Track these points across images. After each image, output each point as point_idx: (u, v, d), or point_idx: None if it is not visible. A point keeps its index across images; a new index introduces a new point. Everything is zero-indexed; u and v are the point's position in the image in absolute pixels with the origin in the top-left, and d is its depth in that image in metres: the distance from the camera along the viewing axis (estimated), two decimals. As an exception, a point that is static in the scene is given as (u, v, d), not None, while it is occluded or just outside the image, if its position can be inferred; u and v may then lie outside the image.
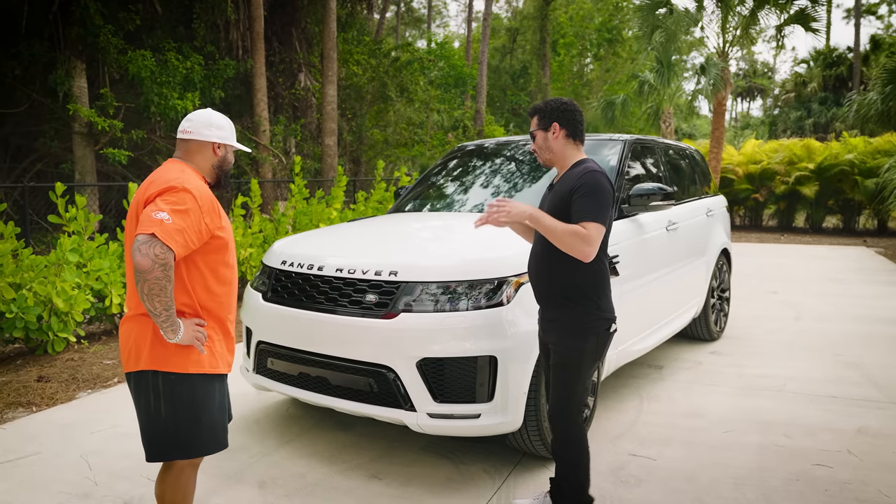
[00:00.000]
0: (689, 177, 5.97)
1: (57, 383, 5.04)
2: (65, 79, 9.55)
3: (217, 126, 2.57)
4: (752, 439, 3.95)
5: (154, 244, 2.20)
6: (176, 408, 2.40)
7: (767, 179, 16.80)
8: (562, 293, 2.82)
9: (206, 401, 2.46)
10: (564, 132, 2.89)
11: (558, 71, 30.70)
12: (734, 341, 6.17)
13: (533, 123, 2.95)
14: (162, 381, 2.39)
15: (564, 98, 2.96)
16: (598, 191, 2.71)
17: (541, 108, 2.93)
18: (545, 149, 2.92)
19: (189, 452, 2.47)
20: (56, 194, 5.92)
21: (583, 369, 2.83)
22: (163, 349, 2.38)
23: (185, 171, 2.45)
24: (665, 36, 14.93)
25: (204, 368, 2.45)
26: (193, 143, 2.55)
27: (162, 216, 2.24)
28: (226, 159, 2.63)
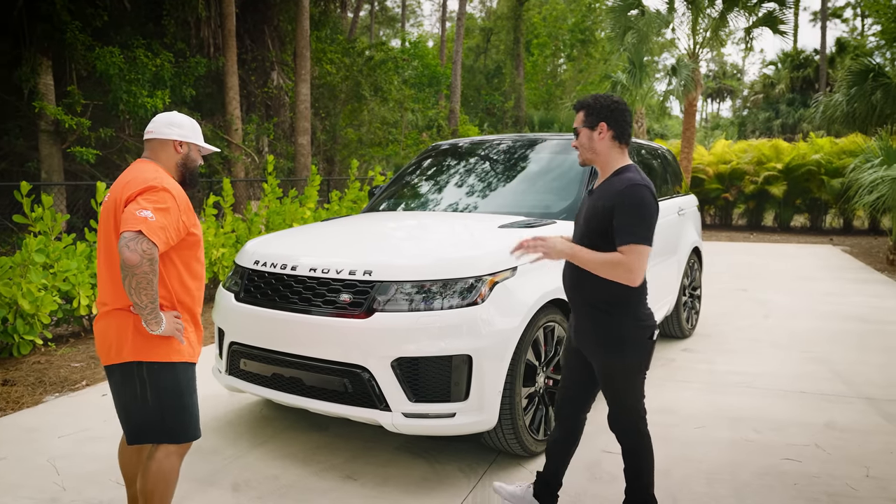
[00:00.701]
0: (661, 176, 6.04)
1: (23, 387, 4.93)
2: (30, 76, 9.34)
3: (177, 125, 2.66)
4: (722, 435, 4.00)
5: (141, 240, 2.30)
6: (162, 396, 2.52)
7: (737, 179, 17.06)
8: (595, 304, 2.68)
9: (188, 386, 2.61)
10: (612, 133, 2.70)
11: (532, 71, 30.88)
12: (705, 338, 6.26)
13: (578, 119, 2.75)
14: (147, 370, 2.50)
15: (615, 96, 2.78)
16: (641, 208, 2.53)
17: (589, 103, 2.73)
18: (588, 149, 2.73)
19: (176, 437, 2.58)
20: (21, 193, 5.79)
21: (629, 383, 2.70)
22: (145, 340, 2.48)
23: (159, 171, 2.56)
24: (637, 37, 15.09)
25: (184, 357, 2.58)
26: (156, 142, 2.65)
27: (146, 214, 2.34)
28: (189, 157, 2.70)
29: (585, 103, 2.74)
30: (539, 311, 3.57)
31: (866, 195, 10.94)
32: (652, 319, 2.70)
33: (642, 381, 2.75)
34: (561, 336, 3.82)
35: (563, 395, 2.99)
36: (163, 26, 12.13)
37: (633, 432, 2.79)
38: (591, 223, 2.66)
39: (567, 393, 2.97)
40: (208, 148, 2.81)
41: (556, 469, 3.05)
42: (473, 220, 4.32)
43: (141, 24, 12.08)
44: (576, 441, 3.03)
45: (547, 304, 3.66)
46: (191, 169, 2.71)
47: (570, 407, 2.97)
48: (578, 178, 4.53)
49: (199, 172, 2.81)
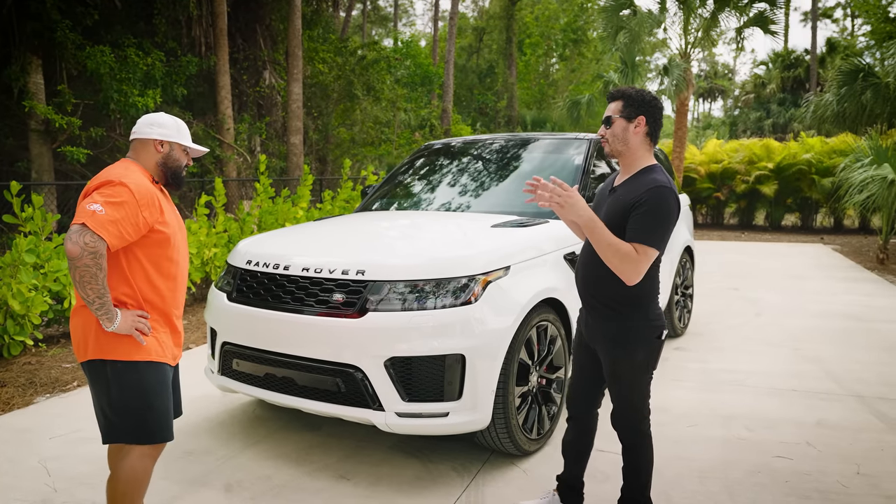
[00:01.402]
0: (654, 175, 6.05)
1: (13, 388, 4.90)
2: (20, 74, 9.28)
3: (159, 124, 2.64)
4: (715, 433, 4.02)
5: (84, 233, 2.29)
6: (126, 395, 2.49)
7: (728, 178, 17.13)
8: (608, 302, 2.67)
9: (157, 387, 2.55)
10: (646, 129, 2.65)
11: (524, 70, 30.91)
12: (697, 337, 6.28)
13: (614, 108, 2.67)
14: (110, 369, 2.48)
15: (653, 93, 2.78)
16: (662, 211, 2.50)
17: (630, 94, 2.65)
18: (621, 140, 2.65)
19: (142, 438, 2.55)
20: (11, 193, 5.75)
21: (636, 381, 2.70)
22: (107, 338, 2.47)
23: (128, 168, 2.55)
24: (629, 37, 15.13)
25: (150, 356, 2.53)
26: (137, 142, 2.65)
27: (95, 207, 2.34)
28: (170, 157, 2.66)
29: (626, 94, 2.67)
30: (532, 310, 3.58)
31: (856, 194, 11.02)
32: (662, 319, 2.70)
33: (649, 380, 2.75)
34: (554, 335, 3.83)
35: (573, 393, 2.99)
36: (154, 25, 12.06)
37: (636, 431, 2.79)
38: (613, 220, 2.59)
39: (577, 390, 2.97)
40: (196, 148, 2.77)
41: (577, 470, 3.05)
42: (466, 220, 4.32)
43: (132, 22, 12.01)
44: (591, 438, 3.04)
45: (540, 304, 3.66)
46: (173, 169, 2.68)
47: (581, 404, 2.98)
48: (571, 178, 4.54)
49: (185, 173, 2.78)
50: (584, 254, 2.83)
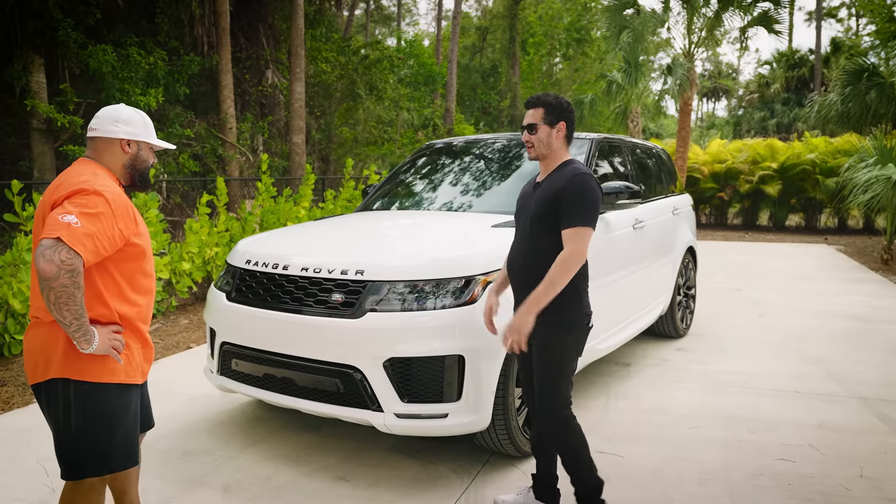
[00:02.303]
0: (656, 175, 6.03)
1: (13, 387, 4.89)
2: (22, 73, 9.28)
3: (125, 121, 2.39)
4: (716, 435, 3.99)
5: (60, 249, 2.03)
6: (88, 420, 2.25)
7: (732, 178, 17.07)
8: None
9: (122, 412, 2.31)
10: (565, 133, 2.90)
11: (528, 70, 30.84)
12: (700, 338, 6.25)
13: (536, 115, 2.87)
14: (74, 390, 2.23)
15: (566, 98, 2.96)
16: (587, 194, 2.74)
17: (552, 102, 2.87)
18: (545, 145, 2.87)
19: (103, 468, 2.31)
20: (12, 192, 5.74)
21: (566, 364, 2.83)
22: (75, 357, 2.22)
23: (97, 174, 2.28)
24: (632, 36, 15.09)
25: (119, 378, 2.30)
26: (100, 141, 2.38)
27: (69, 219, 2.08)
28: (139, 157, 2.43)
29: (547, 101, 2.88)
30: (532, 310, 3.55)
31: (861, 195, 10.96)
32: (590, 308, 2.89)
33: (574, 366, 2.88)
34: (554, 336, 3.80)
35: (528, 393, 3.04)
36: (156, 24, 12.07)
37: (565, 420, 2.84)
38: (543, 208, 2.81)
39: (531, 389, 3.00)
40: (161, 144, 2.53)
41: (548, 464, 3.06)
42: (467, 220, 4.30)
43: (134, 21, 12.02)
44: None
45: (540, 304, 3.63)
46: (141, 170, 2.45)
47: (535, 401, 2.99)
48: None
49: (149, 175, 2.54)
50: (515, 246, 2.99)
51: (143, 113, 2.49)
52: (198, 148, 12.18)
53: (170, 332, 6.51)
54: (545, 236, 2.81)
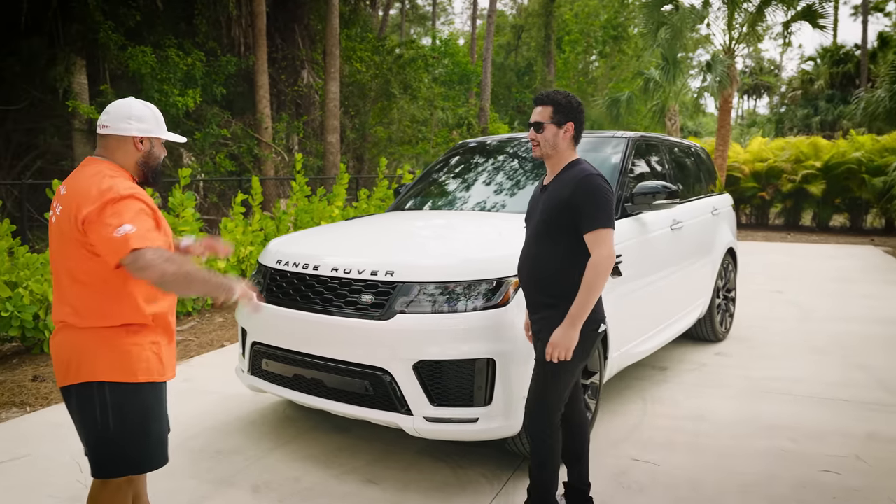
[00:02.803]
0: (695, 175, 5.87)
1: (51, 383, 4.98)
2: (64, 75, 9.49)
3: (137, 118, 2.33)
4: (758, 444, 3.85)
5: (141, 255, 2.09)
6: (125, 420, 2.25)
7: (774, 177, 16.65)
8: (553, 294, 2.75)
9: (157, 410, 2.33)
10: (573, 133, 2.81)
11: (563, 68, 30.56)
12: (739, 342, 6.06)
13: (544, 114, 2.77)
14: (109, 392, 2.23)
15: (576, 97, 2.85)
16: (598, 194, 2.67)
17: (560, 101, 2.77)
18: (551, 145, 2.79)
19: (137, 467, 2.32)
20: (52, 191, 5.85)
21: (566, 369, 2.73)
22: (109, 359, 2.22)
23: (114, 176, 2.24)
24: (671, 33, 14.81)
25: (153, 377, 2.30)
26: (112, 139, 2.33)
27: (126, 229, 2.11)
28: (151, 154, 2.38)
29: (555, 100, 2.78)
30: (566, 313, 3.46)
31: (910, 194, 10.56)
32: (602, 313, 2.80)
33: (577, 371, 2.79)
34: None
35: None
36: (194, 26, 12.24)
37: (549, 423, 2.78)
38: (552, 213, 2.74)
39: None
40: (173, 138, 2.48)
41: (580, 472, 2.99)
42: (500, 220, 4.23)
43: (173, 23, 12.21)
44: (585, 436, 3.00)
45: (574, 307, 3.54)
46: (153, 167, 2.40)
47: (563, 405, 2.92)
48: (608, 176, 4.38)
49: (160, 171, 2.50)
50: (526, 252, 2.91)
51: (153, 106, 2.44)
52: (234, 147, 12.32)
53: (204, 330, 6.57)
54: (552, 241, 2.75)
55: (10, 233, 5.65)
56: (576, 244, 2.71)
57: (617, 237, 4.03)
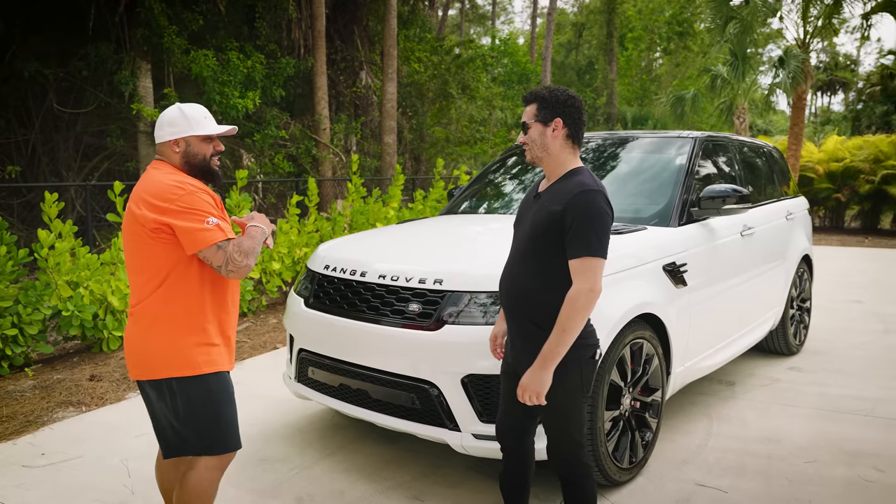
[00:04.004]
0: (767, 177, 5.51)
1: (108, 382, 5.04)
2: (129, 79, 9.74)
3: (169, 122, 2.45)
4: (837, 472, 3.53)
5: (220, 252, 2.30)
6: (196, 408, 2.40)
7: (850, 178, 15.78)
8: (538, 318, 2.42)
9: (223, 395, 2.46)
10: (566, 132, 2.45)
11: (625, 66, 29.89)
12: (815, 356, 5.66)
13: (528, 112, 2.49)
14: (177, 385, 2.38)
15: (570, 90, 2.52)
16: (594, 216, 2.30)
17: (544, 96, 2.46)
18: (540, 146, 2.46)
19: (212, 449, 2.45)
20: (114, 193, 5.95)
21: (570, 407, 2.45)
22: (175, 355, 2.36)
23: (174, 172, 2.43)
24: (740, 27, 14.21)
25: (218, 367, 2.44)
26: (159, 147, 2.50)
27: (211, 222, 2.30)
28: (189, 152, 2.46)
29: (539, 95, 2.48)
30: (626, 326, 3.25)
31: None
32: (594, 337, 2.47)
33: (584, 406, 2.51)
34: (650, 354, 3.48)
35: (501, 424, 2.70)
36: (256, 29, 12.41)
37: (576, 464, 2.52)
38: (539, 228, 2.42)
39: (506, 421, 2.67)
40: (208, 131, 2.47)
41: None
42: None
43: (236, 27, 12.42)
44: (527, 471, 2.73)
45: (635, 319, 3.33)
46: (198, 164, 2.47)
47: (510, 435, 2.68)
48: (672, 181, 4.14)
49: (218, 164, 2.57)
50: (510, 265, 2.59)
51: (189, 107, 2.50)
52: (292, 149, 12.44)
53: (258, 332, 6.58)
54: (538, 260, 2.42)
55: (74, 233, 5.77)
56: (566, 266, 2.37)
57: (682, 244, 3.80)
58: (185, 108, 2.47)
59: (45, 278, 5.42)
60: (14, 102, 10.53)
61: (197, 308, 2.39)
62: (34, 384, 4.99)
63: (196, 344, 2.38)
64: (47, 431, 4.15)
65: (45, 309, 5.35)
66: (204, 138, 2.48)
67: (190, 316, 2.38)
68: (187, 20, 10.41)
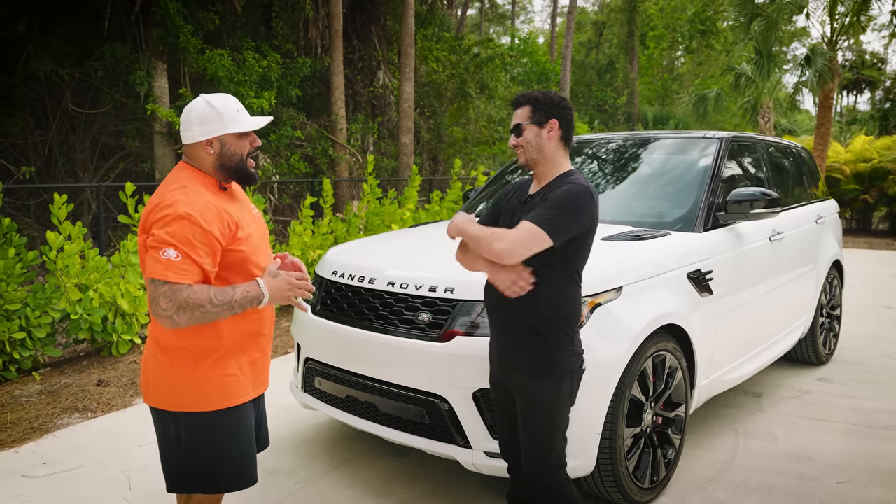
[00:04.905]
0: (796, 178, 5.28)
1: (115, 388, 4.94)
2: (144, 79, 9.69)
3: (199, 120, 2.12)
4: (873, 493, 3.32)
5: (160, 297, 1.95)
6: (199, 446, 2.14)
7: (878, 179, 15.38)
8: (529, 323, 2.36)
9: (235, 433, 2.17)
10: (560, 133, 2.43)
11: (647, 65, 29.52)
12: (845, 366, 5.42)
13: (522, 114, 2.44)
14: (181, 419, 2.13)
15: (558, 93, 2.51)
16: (568, 202, 2.28)
17: (538, 98, 2.44)
18: (535, 148, 2.42)
19: (216, 487, 2.20)
20: (126, 194, 5.86)
21: (557, 416, 2.39)
22: (181, 386, 2.11)
23: (187, 186, 2.08)
24: (765, 25, 13.89)
25: (229, 401, 2.14)
26: (188, 148, 2.19)
27: (169, 255, 1.96)
28: (225, 154, 2.14)
29: (533, 97, 2.45)
30: (648, 338, 3.07)
31: None
32: (581, 347, 2.46)
33: (567, 419, 2.44)
34: (673, 367, 3.30)
35: (504, 442, 2.62)
36: (273, 28, 12.33)
37: (555, 481, 2.40)
38: None
39: (508, 438, 2.57)
40: (246, 127, 2.17)
41: None
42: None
43: (252, 26, 12.35)
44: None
45: (658, 330, 3.15)
46: (233, 166, 2.16)
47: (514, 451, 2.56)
48: (697, 183, 3.94)
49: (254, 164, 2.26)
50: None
51: (218, 99, 2.16)
52: (308, 149, 12.35)
53: (270, 336, 6.47)
54: (525, 262, 2.29)
55: (83, 235, 5.69)
56: (559, 268, 2.34)
57: (708, 251, 3.60)
58: (215, 101, 2.13)
59: (54, 281, 5.35)
60: (31, 103, 10.54)
61: (212, 333, 2.11)
62: (41, 389, 4.92)
63: (207, 376, 2.11)
64: (51, 439, 4.06)
65: (53, 312, 5.28)
66: (240, 135, 2.16)
67: (202, 341, 2.11)
68: (203, 20, 10.35)
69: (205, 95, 2.19)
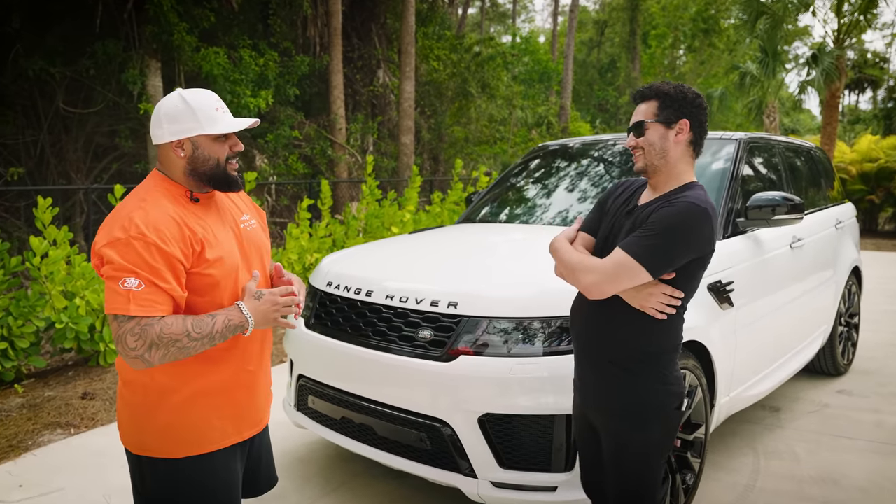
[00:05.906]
0: (813, 181, 5.05)
1: (100, 401, 4.71)
2: (137, 78, 9.46)
3: (169, 118, 1.79)
4: (908, 522, 3.09)
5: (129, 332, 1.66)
6: (165, 497, 1.86)
7: (885, 179, 15.17)
8: (617, 359, 2.05)
9: (211, 482, 1.87)
10: (690, 136, 2.02)
11: (649, 64, 29.27)
12: (864, 377, 5.19)
13: (647, 110, 2.04)
14: (147, 466, 1.85)
15: (695, 90, 2.07)
16: (676, 229, 1.88)
17: (667, 92, 2.02)
18: (658, 152, 2.00)
19: None
20: (115, 196, 5.63)
21: (647, 465, 2.07)
22: (146, 431, 1.82)
23: (146, 199, 1.78)
24: (770, 23, 13.68)
25: (203, 448, 1.85)
26: (158, 150, 1.88)
27: (130, 284, 1.66)
28: (197, 157, 1.81)
29: (662, 91, 2.03)
30: (667, 356, 2.83)
31: None
32: (681, 385, 2.08)
33: (662, 464, 2.11)
34: (693, 385, 3.06)
35: (585, 477, 2.29)
36: (270, 26, 12.10)
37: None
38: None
39: (590, 473, 2.26)
40: (223, 129, 1.83)
41: None
42: (585, 237, 3.61)
43: (250, 24, 12.12)
44: None
45: (677, 348, 2.91)
46: (208, 171, 1.83)
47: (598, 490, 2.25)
48: (715, 187, 3.69)
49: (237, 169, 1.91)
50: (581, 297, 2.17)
51: (196, 94, 1.83)
52: (307, 149, 12.12)
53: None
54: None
55: (71, 240, 5.47)
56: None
57: (728, 260, 3.37)
58: (190, 97, 1.81)
59: (38, 288, 5.11)
60: (22, 102, 10.30)
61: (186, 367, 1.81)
62: (23, 402, 4.69)
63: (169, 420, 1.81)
64: (29, 458, 3.83)
65: (38, 321, 5.05)
66: (217, 137, 1.84)
67: (164, 378, 1.80)
68: (198, 17, 10.11)
69: (181, 90, 1.86)
